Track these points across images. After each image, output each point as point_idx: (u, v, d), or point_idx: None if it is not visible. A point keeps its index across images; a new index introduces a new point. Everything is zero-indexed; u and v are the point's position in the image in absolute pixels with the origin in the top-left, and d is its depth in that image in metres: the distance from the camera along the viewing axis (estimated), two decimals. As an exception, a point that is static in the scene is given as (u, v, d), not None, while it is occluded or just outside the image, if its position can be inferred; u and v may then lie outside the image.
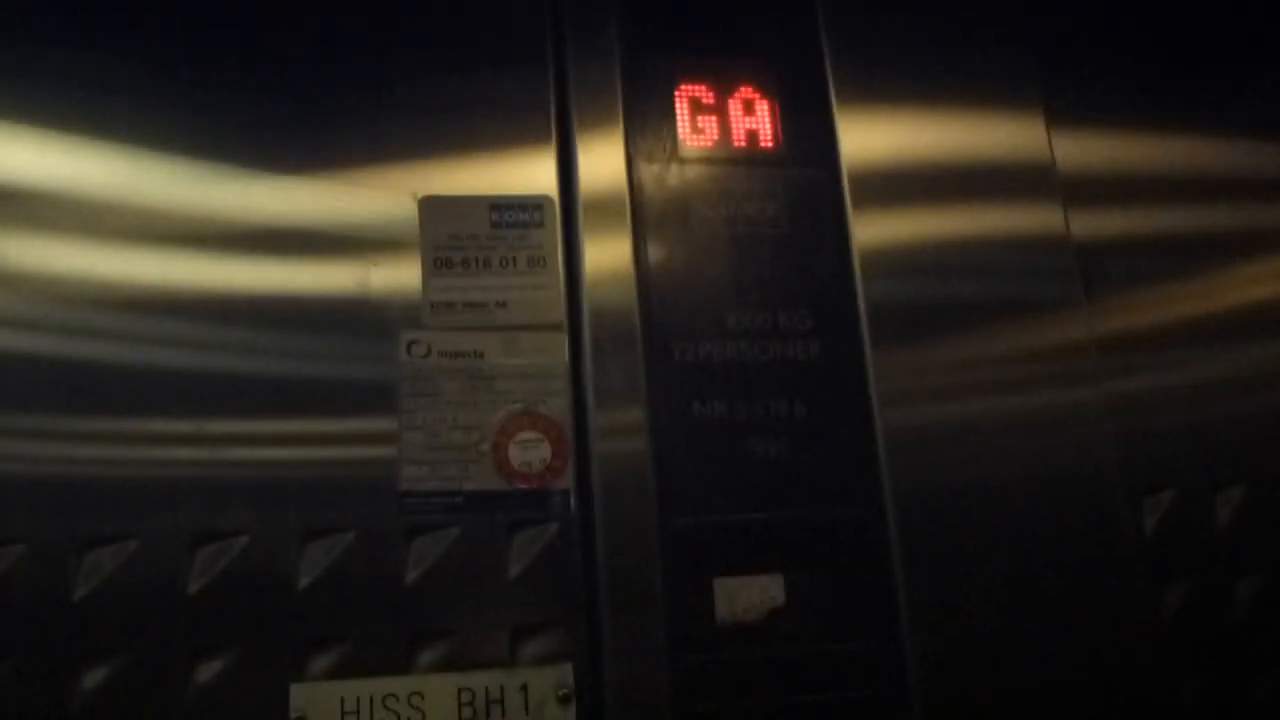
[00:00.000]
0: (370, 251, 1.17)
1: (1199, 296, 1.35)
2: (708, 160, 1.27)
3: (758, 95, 1.30)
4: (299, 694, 1.02)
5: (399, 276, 1.16)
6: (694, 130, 1.28)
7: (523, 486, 1.12)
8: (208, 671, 1.02)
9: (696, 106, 1.29)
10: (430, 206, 1.18)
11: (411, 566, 1.08)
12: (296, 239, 1.16)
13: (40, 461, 1.05)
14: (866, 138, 1.28)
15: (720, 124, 1.28)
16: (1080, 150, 1.35)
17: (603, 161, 1.23)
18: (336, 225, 1.17)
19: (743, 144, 1.28)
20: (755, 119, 1.29)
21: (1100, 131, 1.38)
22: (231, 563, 1.05)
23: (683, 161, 1.26)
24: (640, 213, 1.23)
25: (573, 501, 1.13)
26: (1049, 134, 1.34)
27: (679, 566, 1.12)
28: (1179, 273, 1.35)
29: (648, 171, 1.25)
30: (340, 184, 1.18)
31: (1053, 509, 1.20)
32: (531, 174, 1.22)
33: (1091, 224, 1.32)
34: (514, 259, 1.18)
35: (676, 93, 1.29)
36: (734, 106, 1.29)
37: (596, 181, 1.22)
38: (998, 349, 1.25)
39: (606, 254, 1.20)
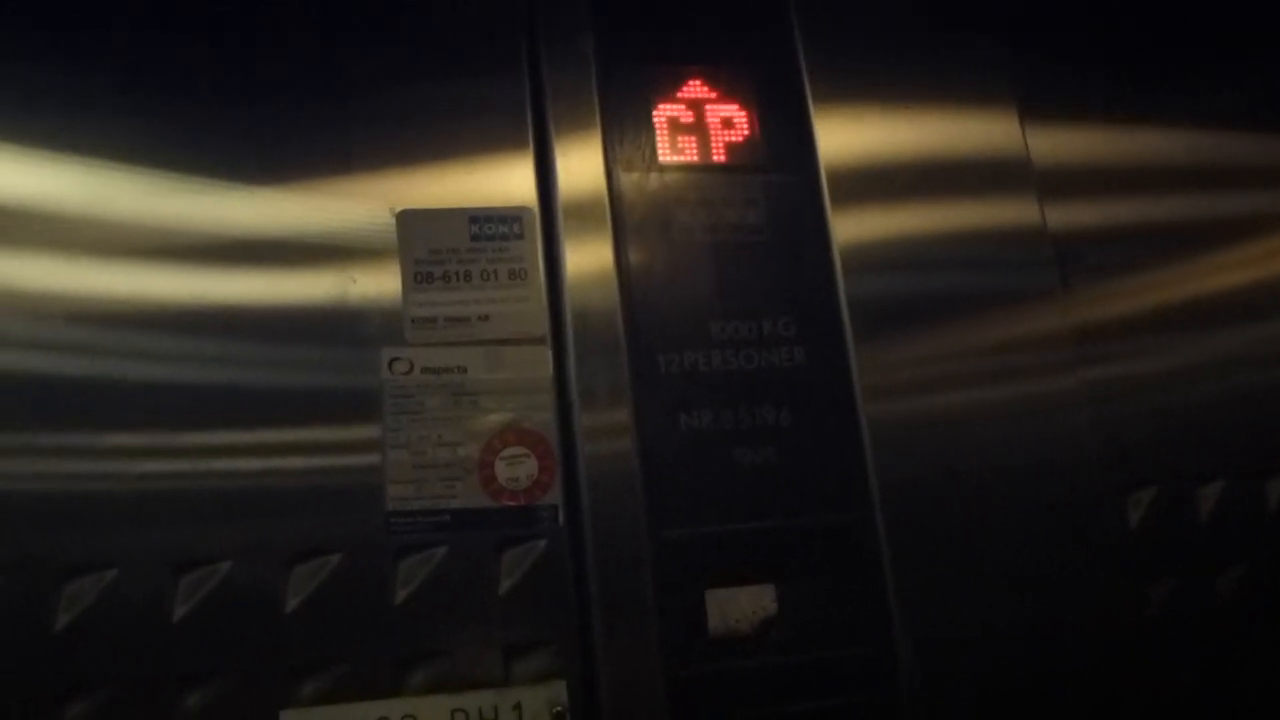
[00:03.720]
0: (347, 261, 1.15)
1: (1174, 285, 1.36)
2: (687, 168, 1.26)
3: (735, 102, 1.30)
4: (289, 720, 1.01)
5: (379, 286, 1.15)
6: (672, 138, 1.27)
7: (510, 503, 1.11)
8: (194, 700, 1.00)
9: (674, 114, 1.28)
10: (408, 220, 1.17)
11: (400, 587, 1.07)
12: (272, 250, 1.14)
13: (15, 481, 1.03)
14: (844, 141, 1.28)
15: (699, 132, 1.28)
16: (1054, 143, 1.36)
17: (582, 171, 1.22)
18: (312, 236, 1.15)
19: (721, 151, 1.28)
20: (733, 126, 1.29)
21: (1073, 124, 1.39)
22: (216, 588, 1.03)
23: (662, 170, 1.25)
24: (621, 222, 1.22)
25: (561, 516, 1.12)
26: (1023, 128, 1.34)
27: (670, 579, 1.12)
28: (1154, 262, 1.36)
29: (627, 180, 1.24)
30: (315, 194, 1.17)
31: (1037, 503, 1.20)
32: (509, 184, 1.20)
33: (1067, 215, 1.33)
34: (495, 272, 1.17)
35: (654, 101, 1.28)
36: (712, 114, 1.29)
37: (576, 191, 1.21)
38: (978, 343, 1.25)
39: (588, 264, 1.19)
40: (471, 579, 1.08)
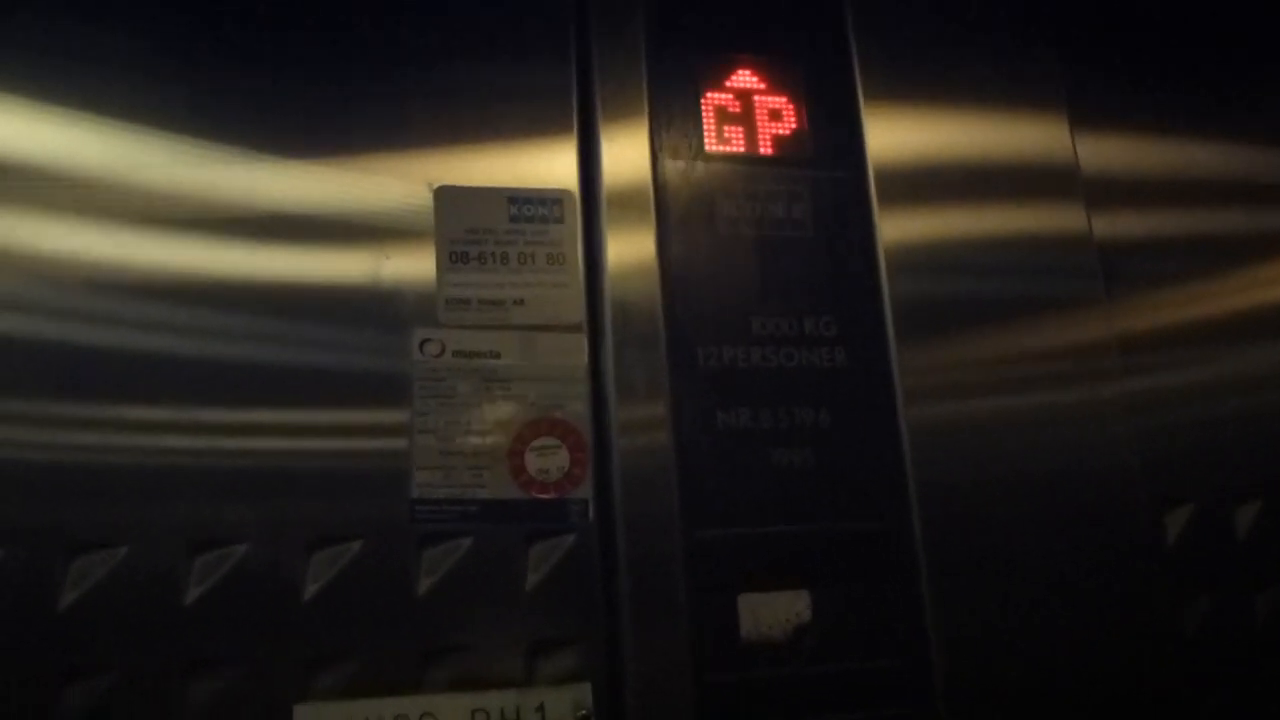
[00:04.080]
0: (382, 240, 1.11)
1: (1218, 298, 1.34)
2: (733, 159, 1.23)
3: (784, 94, 1.26)
4: (303, 714, 0.97)
5: (412, 267, 1.11)
6: (720, 128, 1.24)
7: (540, 495, 1.07)
8: (205, 689, 0.96)
9: (722, 103, 1.25)
10: (446, 197, 1.13)
11: (423, 578, 1.03)
12: (303, 225, 1.10)
13: (27, 450, 0.98)
14: (893, 139, 1.26)
15: (746, 122, 1.25)
16: (1103, 151, 1.34)
17: (627, 156, 1.18)
18: (346, 212, 1.11)
19: (768, 143, 1.24)
20: (782, 119, 1.26)
21: (1122, 133, 1.37)
22: (231, 571, 0.99)
23: (708, 159, 1.22)
24: (664, 210, 1.18)
25: (592, 511, 1.08)
26: (1072, 135, 1.32)
27: (702, 580, 1.08)
28: (1199, 274, 1.35)
29: (672, 168, 1.20)
30: (351, 170, 1.13)
31: (1076, 515, 1.18)
32: (552, 168, 1.17)
33: (1113, 224, 1.31)
34: (532, 255, 1.13)
35: (702, 89, 1.25)
36: (760, 105, 1.25)
37: (620, 176, 1.17)
38: (1021, 349, 1.23)
39: (629, 252, 1.15)
40: (497, 572, 1.04)
